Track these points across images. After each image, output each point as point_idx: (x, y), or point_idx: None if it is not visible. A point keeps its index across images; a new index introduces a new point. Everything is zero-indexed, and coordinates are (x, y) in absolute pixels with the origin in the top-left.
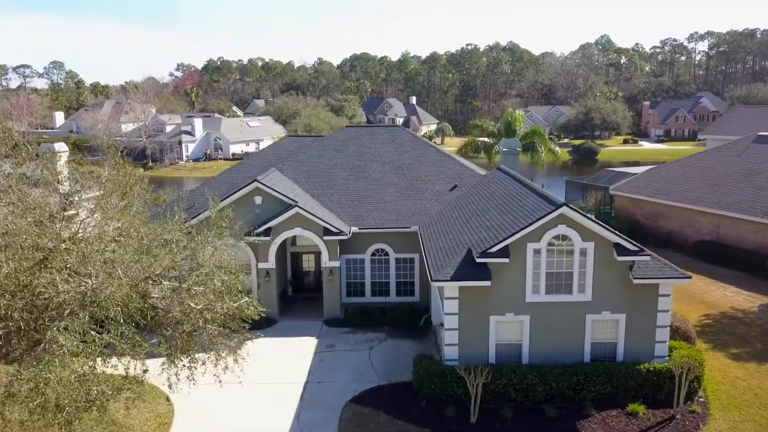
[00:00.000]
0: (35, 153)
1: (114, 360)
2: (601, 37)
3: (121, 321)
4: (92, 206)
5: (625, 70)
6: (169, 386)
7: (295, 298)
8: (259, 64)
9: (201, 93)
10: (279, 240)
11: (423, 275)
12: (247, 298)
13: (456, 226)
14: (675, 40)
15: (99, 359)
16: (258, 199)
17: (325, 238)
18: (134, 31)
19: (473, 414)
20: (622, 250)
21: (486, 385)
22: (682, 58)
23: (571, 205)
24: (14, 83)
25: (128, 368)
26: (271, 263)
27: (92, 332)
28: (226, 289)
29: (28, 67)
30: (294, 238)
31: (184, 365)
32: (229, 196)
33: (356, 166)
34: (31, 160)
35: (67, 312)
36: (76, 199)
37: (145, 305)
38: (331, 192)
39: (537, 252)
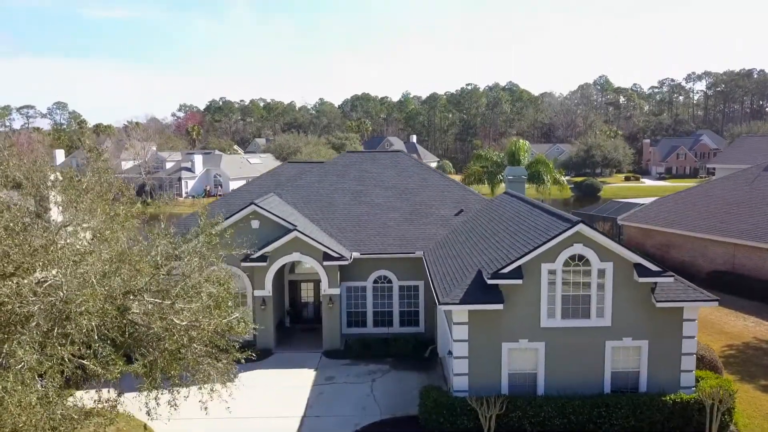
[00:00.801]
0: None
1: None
2: (600, 77)
3: (96, 338)
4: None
5: (624, 108)
6: (148, 413)
7: (293, 329)
8: (261, 104)
9: (202, 132)
10: (276, 266)
11: (428, 303)
12: (237, 314)
13: (464, 249)
14: (673, 80)
15: (60, 378)
16: (255, 223)
17: (325, 263)
18: (138, 72)
19: None
20: (643, 271)
21: (499, 418)
22: (681, 98)
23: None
24: (18, 123)
25: (100, 391)
26: (267, 291)
27: (58, 346)
28: (214, 303)
29: (32, 107)
30: (292, 265)
31: (164, 388)
32: (225, 219)
33: (358, 191)
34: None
35: (33, 324)
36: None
37: (124, 321)
38: (332, 217)
39: (552, 273)
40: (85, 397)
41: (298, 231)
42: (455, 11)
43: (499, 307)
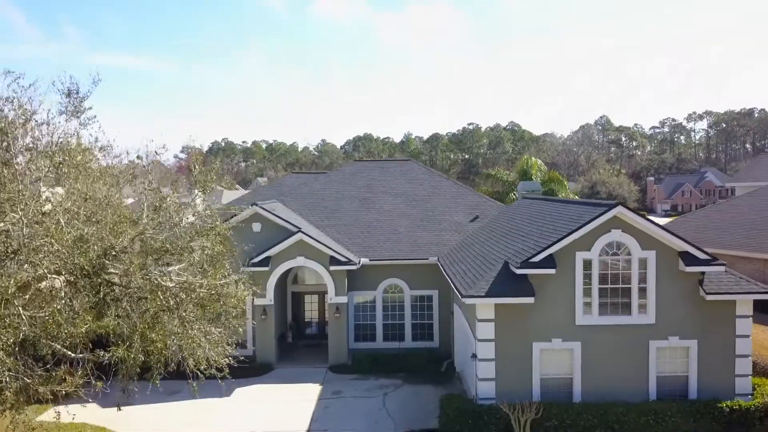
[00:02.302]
0: None
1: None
2: (601, 117)
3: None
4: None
5: (626, 147)
6: (123, 392)
7: (295, 345)
8: (263, 145)
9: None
10: (279, 271)
11: (444, 315)
12: (235, 276)
13: (485, 247)
14: (674, 120)
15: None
16: (257, 226)
17: (332, 268)
18: (139, 114)
19: None
20: (690, 260)
21: (533, 427)
22: (682, 137)
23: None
24: None
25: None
26: (269, 299)
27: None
28: (208, 260)
29: None
30: (295, 276)
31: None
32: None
33: (365, 198)
34: None
35: None
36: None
37: (99, 280)
38: (338, 223)
39: (588, 263)
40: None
41: (303, 233)
42: (459, 54)
43: (530, 300)
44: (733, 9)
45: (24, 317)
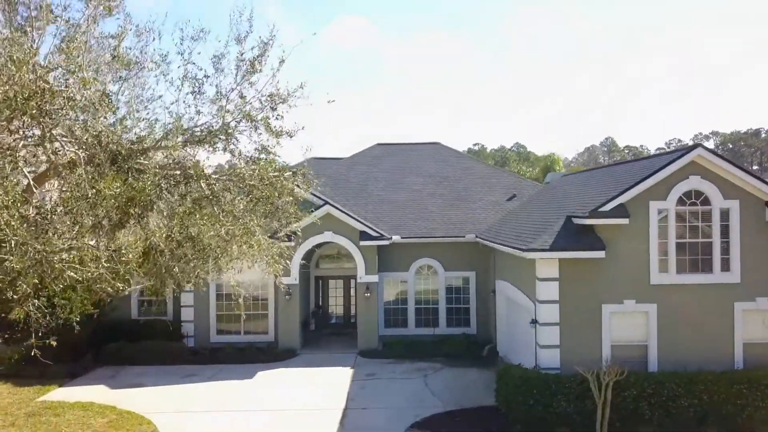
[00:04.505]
0: None
1: None
2: (606, 139)
3: None
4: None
5: None
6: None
7: (318, 333)
8: None
9: None
10: (305, 248)
11: (481, 298)
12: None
13: (537, 213)
14: (680, 140)
15: None
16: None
17: (362, 243)
18: None
19: None
20: None
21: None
22: None
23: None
24: None
25: None
26: (294, 278)
27: None
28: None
29: None
30: (318, 260)
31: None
32: None
33: (393, 179)
34: None
35: None
36: None
37: (127, 165)
38: (366, 202)
39: (663, 214)
40: None
41: (331, 204)
42: (464, 77)
43: (600, 254)
44: (736, 31)
45: None
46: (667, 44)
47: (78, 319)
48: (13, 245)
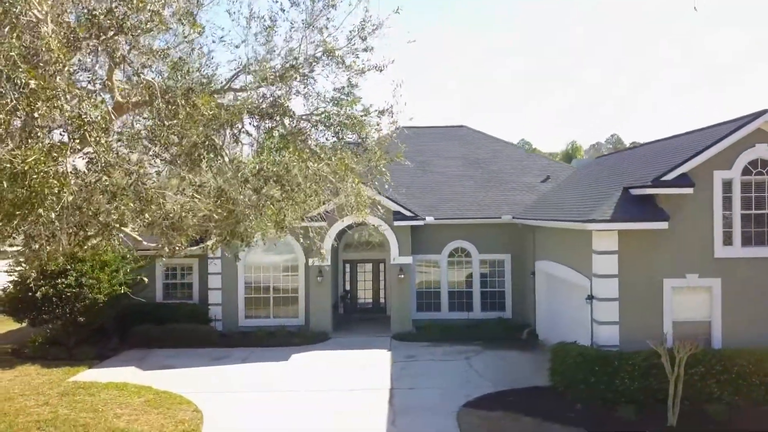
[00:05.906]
0: None
1: None
2: (612, 135)
3: None
4: None
5: None
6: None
7: (348, 318)
8: None
9: None
10: (336, 228)
11: (517, 281)
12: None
13: (584, 188)
14: None
15: None
16: None
17: (396, 224)
18: None
19: (672, 411)
20: None
21: (678, 377)
22: None
23: None
24: None
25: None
26: (327, 260)
27: None
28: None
29: None
30: (345, 244)
31: None
32: None
33: (418, 162)
34: None
35: None
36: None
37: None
38: (393, 185)
39: (728, 185)
40: None
41: (363, 184)
42: (467, 73)
43: (664, 225)
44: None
45: None
46: (673, 39)
47: (105, 299)
48: (103, 164)
